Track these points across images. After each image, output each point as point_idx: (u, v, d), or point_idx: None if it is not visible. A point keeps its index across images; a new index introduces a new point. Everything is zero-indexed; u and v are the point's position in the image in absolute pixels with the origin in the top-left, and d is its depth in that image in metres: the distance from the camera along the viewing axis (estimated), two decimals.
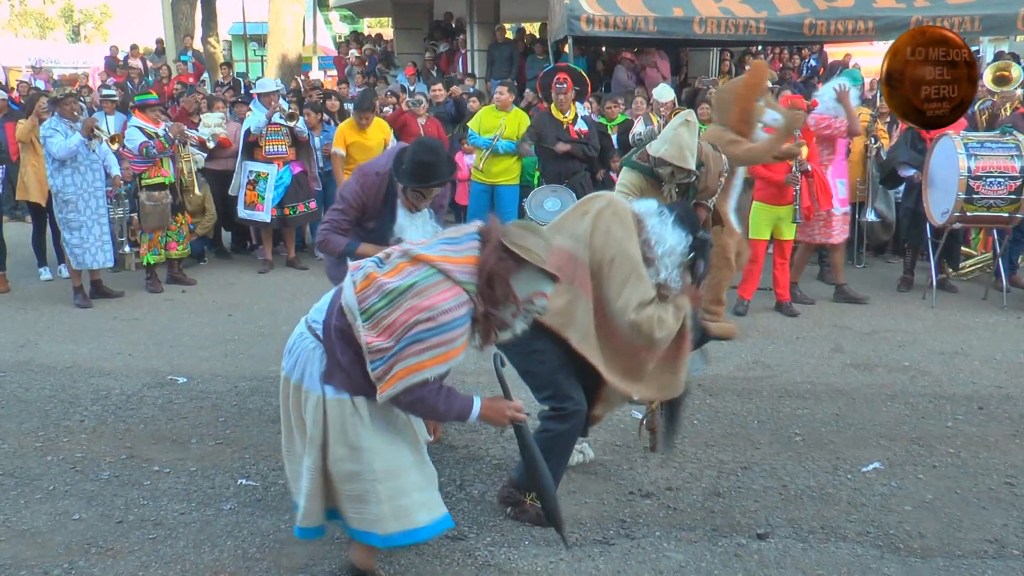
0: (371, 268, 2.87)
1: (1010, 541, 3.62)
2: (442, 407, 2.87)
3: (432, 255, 2.81)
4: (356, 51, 16.50)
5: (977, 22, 10.31)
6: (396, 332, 2.73)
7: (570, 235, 3.62)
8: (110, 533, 3.66)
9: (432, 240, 2.95)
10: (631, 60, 12.67)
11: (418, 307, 2.71)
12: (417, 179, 3.88)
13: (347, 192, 4.13)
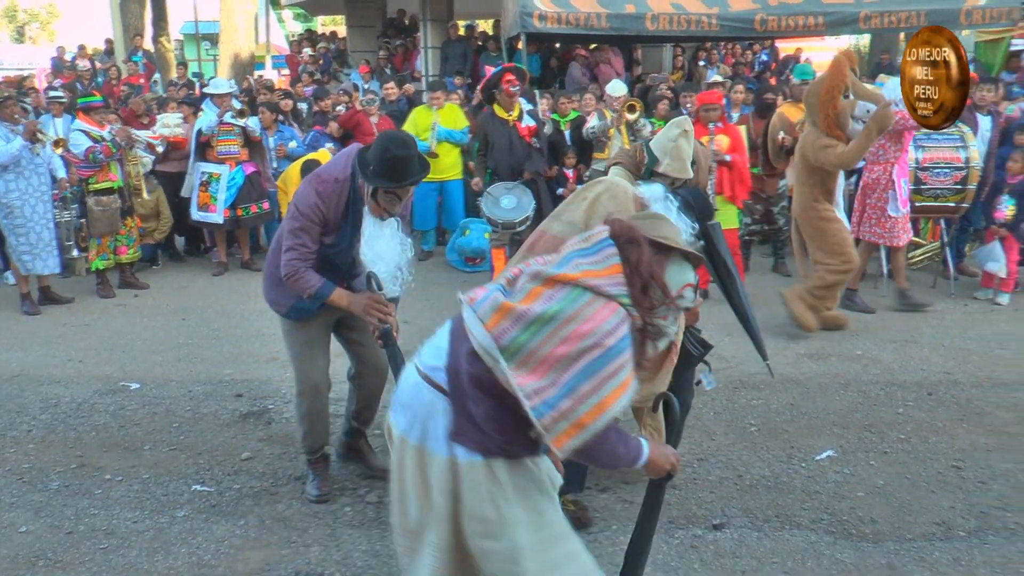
0: (499, 298, 2.38)
1: (956, 523, 3.70)
2: (621, 451, 2.39)
3: (571, 272, 2.32)
4: (310, 50, 16.34)
5: (923, 17, 10.51)
6: (555, 368, 2.21)
7: (567, 221, 3.53)
8: (59, 544, 3.59)
9: (558, 256, 2.44)
10: (585, 56, 12.72)
11: (577, 334, 2.21)
12: (392, 177, 3.38)
13: (304, 205, 3.49)
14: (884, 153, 6.82)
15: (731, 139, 7.26)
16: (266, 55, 19.66)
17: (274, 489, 4.04)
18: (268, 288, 3.84)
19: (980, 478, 4.11)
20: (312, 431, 3.93)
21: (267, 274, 3.84)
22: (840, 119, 6.00)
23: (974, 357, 5.83)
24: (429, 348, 2.52)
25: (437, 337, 2.52)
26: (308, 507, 3.86)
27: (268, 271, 3.83)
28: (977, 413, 4.89)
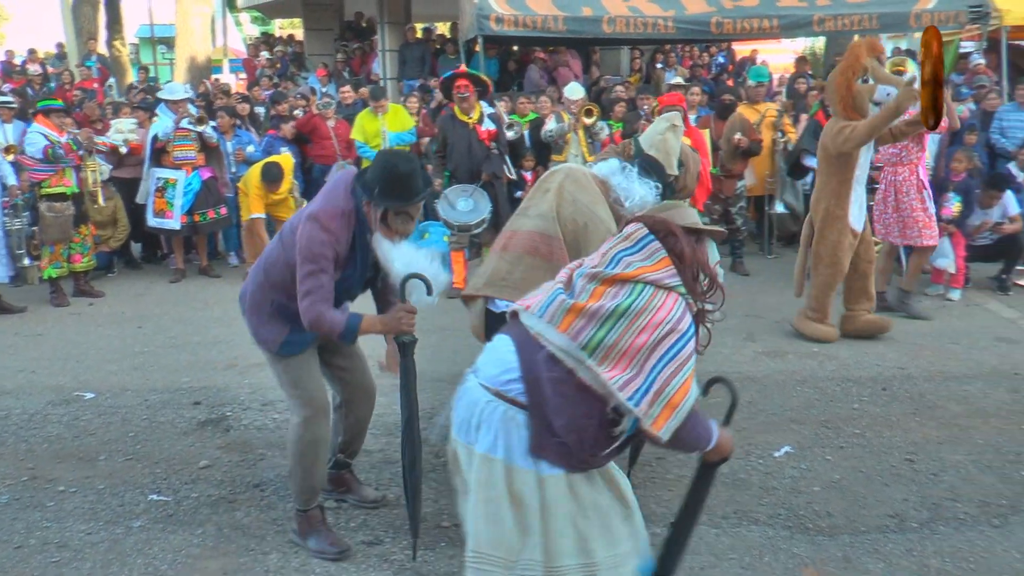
0: (565, 299, 2.42)
1: (910, 515, 3.77)
2: (702, 431, 2.45)
3: (627, 271, 2.39)
4: (267, 53, 16.20)
5: (875, 20, 10.71)
6: (637, 357, 2.30)
7: (536, 215, 3.59)
8: (8, 559, 3.51)
9: (603, 258, 2.47)
10: (543, 59, 12.77)
11: (652, 323, 2.32)
12: (402, 196, 3.24)
13: (315, 245, 3.21)
14: (908, 154, 6.82)
15: (693, 142, 7.32)
16: (223, 59, 19.43)
17: (232, 497, 3.99)
18: (256, 326, 3.49)
19: (932, 470, 4.20)
20: (313, 467, 3.49)
21: (252, 311, 3.49)
22: (856, 101, 5.90)
23: (926, 352, 5.95)
24: (489, 363, 2.50)
25: (494, 351, 2.52)
26: (267, 514, 3.82)
27: (253, 308, 3.48)
28: (929, 407, 4.99)
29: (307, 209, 3.32)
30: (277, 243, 3.43)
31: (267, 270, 3.43)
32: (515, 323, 2.55)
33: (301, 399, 3.47)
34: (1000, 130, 8.95)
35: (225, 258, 9.36)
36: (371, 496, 3.90)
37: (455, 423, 2.53)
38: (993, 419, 4.80)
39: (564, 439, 2.35)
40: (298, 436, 3.46)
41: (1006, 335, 6.35)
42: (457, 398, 2.55)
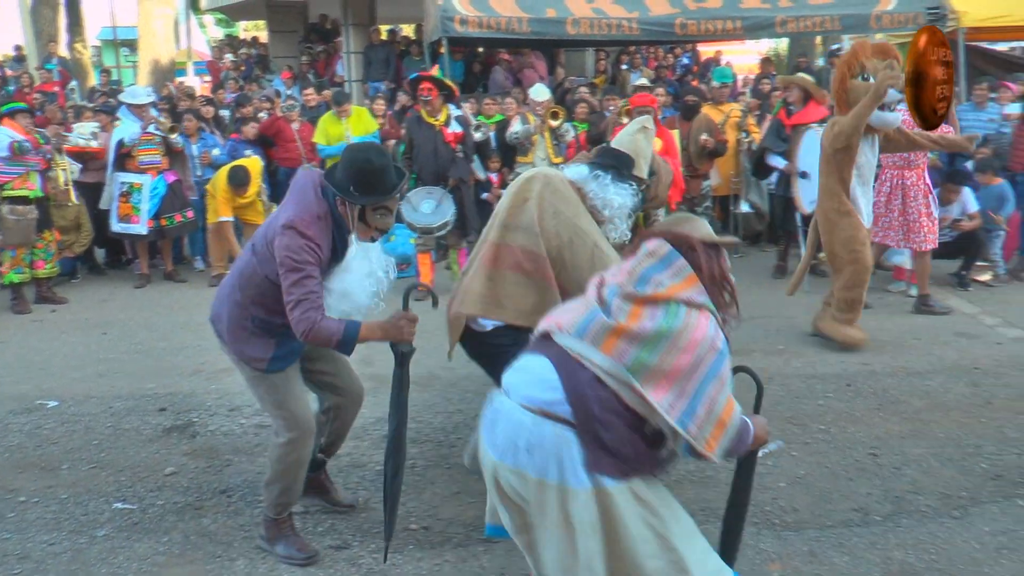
0: (607, 320, 2.41)
1: (873, 508, 3.83)
2: (744, 435, 2.51)
3: (661, 291, 2.41)
4: (231, 55, 16.06)
5: (837, 21, 10.85)
6: (679, 378, 2.33)
7: (522, 229, 3.51)
8: None
9: (630, 277, 2.47)
10: (508, 61, 12.80)
11: (692, 343, 2.34)
12: (381, 190, 3.14)
13: (297, 254, 3.06)
14: (915, 158, 6.83)
15: (664, 142, 7.37)
16: (187, 61, 19.26)
17: (199, 503, 3.95)
18: (240, 346, 3.32)
19: (895, 464, 4.26)
20: (295, 484, 3.44)
21: (232, 332, 3.33)
22: (850, 96, 5.81)
23: (889, 348, 6.04)
24: (525, 383, 2.48)
25: (528, 371, 2.51)
26: (234, 520, 3.79)
27: (233, 328, 3.32)
28: (892, 402, 5.07)
29: (278, 218, 3.15)
30: (250, 257, 3.28)
31: (242, 287, 3.28)
32: (546, 343, 2.52)
33: (287, 420, 3.34)
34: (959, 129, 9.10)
35: (191, 263, 9.27)
36: (345, 499, 3.85)
37: (493, 445, 2.50)
38: (953, 413, 4.89)
39: (619, 453, 2.37)
40: (280, 456, 3.36)
41: (966, 330, 6.47)
42: (489, 420, 2.53)
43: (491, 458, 2.51)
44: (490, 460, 2.51)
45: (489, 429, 2.52)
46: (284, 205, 3.22)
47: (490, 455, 2.51)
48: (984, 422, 4.75)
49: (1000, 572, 3.33)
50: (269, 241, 3.16)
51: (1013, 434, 4.59)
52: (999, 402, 5.04)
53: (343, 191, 3.13)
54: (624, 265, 2.54)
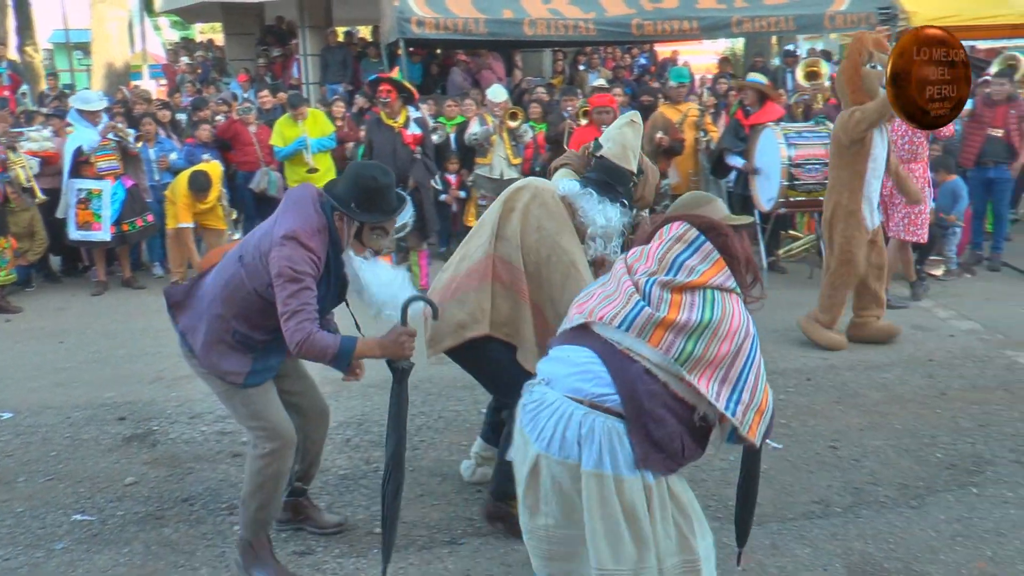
0: (652, 312, 2.39)
1: (834, 500, 3.90)
2: (772, 424, 2.55)
3: (694, 278, 2.42)
4: (187, 58, 15.85)
5: (791, 21, 11.02)
6: (721, 366, 2.37)
7: (506, 240, 3.44)
8: None
9: (661, 264, 2.47)
10: (466, 62, 12.81)
11: (730, 331, 2.38)
12: (382, 210, 3.12)
13: (298, 264, 2.96)
14: (920, 151, 6.95)
15: None
16: (142, 64, 18.97)
17: (160, 513, 3.90)
18: (216, 361, 3.17)
19: (854, 456, 4.34)
20: (273, 499, 3.29)
21: (209, 346, 3.17)
22: (866, 83, 5.76)
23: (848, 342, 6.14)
24: (570, 375, 2.44)
25: (571, 363, 2.46)
26: (196, 529, 3.75)
27: (210, 342, 3.16)
28: (851, 395, 5.16)
29: (275, 230, 3.03)
30: (236, 269, 3.12)
31: (226, 300, 3.13)
32: (586, 334, 2.49)
33: (265, 431, 3.21)
34: None
35: (149, 269, 9.14)
36: (331, 521, 3.69)
37: (537, 437, 2.43)
38: (910, 404, 4.99)
39: (666, 448, 2.37)
40: (259, 469, 3.22)
41: (921, 323, 6.60)
42: (530, 411, 2.47)
43: (534, 450, 2.43)
44: (532, 451, 2.44)
45: (531, 420, 2.46)
46: (281, 217, 3.08)
47: (533, 447, 2.43)
48: (939, 413, 4.86)
49: (955, 558, 3.40)
50: (263, 252, 3.03)
51: (966, 424, 4.69)
52: (953, 393, 5.16)
53: (344, 206, 3.07)
54: (650, 250, 2.52)
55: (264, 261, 3.02)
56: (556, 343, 2.61)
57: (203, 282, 3.27)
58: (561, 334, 2.62)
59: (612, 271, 2.62)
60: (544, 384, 2.49)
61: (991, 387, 5.24)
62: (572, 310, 2.60)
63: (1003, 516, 3.71)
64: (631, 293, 2.46)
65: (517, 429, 2.54)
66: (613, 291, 2.52)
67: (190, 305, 3.25)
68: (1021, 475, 4.09)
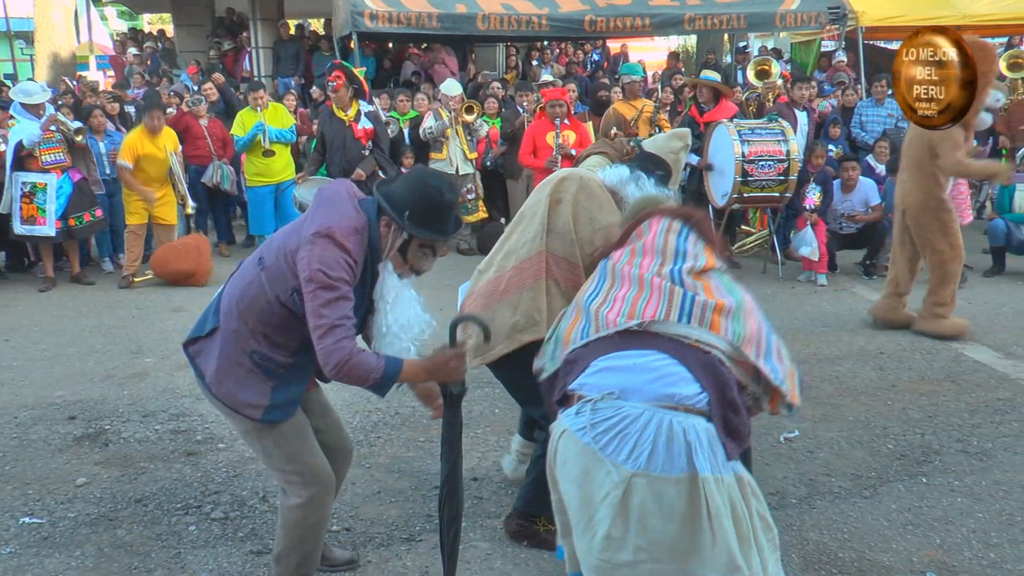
0: (705, 299, 2.38)
1: (789, 491, 3.96)
2: None
3: (703, 262, 2.46)
4: (135, 49, 15.52)
5: (743, 19, 11.17)
6: (755, 341, 2.39)
7: (558, 234, 3.24)
8: None
9: (667, 254, 2.47)
10: (419, 56, 12.78)
11: (750, 307, 2.46)
12: (441, 229, 2.72)
13: (334, 269, 2.55)
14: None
15: (578, 135, 7.47)
16: (89, 55, 18.52)
17: (113, 514, 3.82)
18: (234, 391, 2.72)
19: (808, 448, 4.42)
20: (315, 551, 2.96)
21: (225, 372, 2.72)
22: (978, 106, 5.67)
23: (801, 335, 6.25)
24: (652, 380, 2.27)
25: (649, 367, 2.30)
26: (150, 530, 3.67)
27: (226, 367, 2.72)
28: (805, 388, 5.21)
29: (307, 226, 2.62)
30: (256, 274, 2.71)
31: (243, 312, 2.70)
32: (641, 337, 2.36)
33: (303, 476, 2.83)
34: (859, 124, 9.50)
35: (99, 264, 8.93)
36: (342, 558, 3.38)
37: (622, 456, 2.20)
38: (862, 396, 5.10)
39: (740, 436, 2.32)
40: (296, 521, 2.86)
41: None
42: (614, 430, 2.22)
43: (625, 471, 2.19)
44: (622, 474, 2.19)
45: (613, 440, 2.22)
46: (313, 214, 2.67)
47: (624, 469, 2.19)
48: (890, 404, 4.97)
49: (906, 546, 3.48)
50: (289, 252, 2.63)
51: (916, 415, 4.81)
52: (903, 385, 5.28)
53: (397, 212, 2.65)
54: (645, 247, 2.51)
55: (290, 262, 2.62)
56: (597, 352, 2.40)
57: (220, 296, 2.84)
58: (598, 342, 2.41)
59: (610, 274, 2.53)
60: (615, 398, 2.28)
61: (939, 379, 5.38)
62: (607, 317, 2.42)
63: (951, 504, 3.81)
64: (668, 287, 2.41)
65: (582, 454, 2.26)
66: (635, 290, 2.44)
67: (203, 335, 2.80)
68: (967, 464, 4.21)
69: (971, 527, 3.62)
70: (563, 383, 2.46)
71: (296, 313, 2.65)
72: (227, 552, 3.48)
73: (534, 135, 7.48)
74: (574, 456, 2.29)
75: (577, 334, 2.50)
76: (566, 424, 2.34)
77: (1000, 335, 6.24)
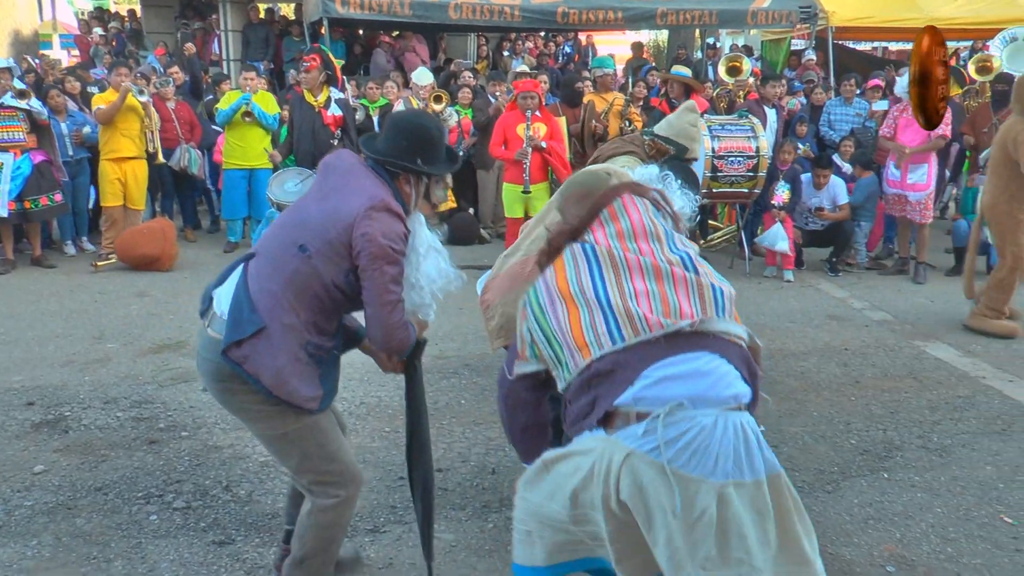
0: (729, 291, 2.35)
1: None
2: None
3: (677, 241, 2.43)
4: (100, 29, 15.22)
5: (715, 16, 11.23)
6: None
7: None
8: None
9: (659, 237, 2.40)
10: (390, 44, 12.70)
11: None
12: (451, 157, 2.85)
13: (397, 243, 2.57)
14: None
15: (549, 127, 7.45)
16: (53, 33, 18.14)
17: (72, 503, 3.75)
18: (296, 384, 2.58)
19: (773, 442, 4.40)
20: (337, 548, 2.90)
21: (289, 368, 2.57)
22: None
23: (767, 331, 6.30)
24: (714, 384, 2.16)
25: (707, 372, 2.18)
26: (110, 519, 3.61)
27: (290, 363, 2.57)
28: (770, 382, 5.28)
29: (353, 201, 2.56)
30: (299, 263, 2.58)
31: (293, 306, 2.57)
32: (688, 339, 2.21)
33: (342, 475, 2.75)
34: (828, 122, 9.59)
35: (60, 247, 8.76)
36: (347, 556, 3.23)
37: (707, 470, 2.06)
38: (826, 392, 5.15)
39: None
40: (332, 521, 2.77)
41: (837, 313, 6.82)
42: (692, 444, 2.07)
43: (714, 484, 2.05)
44: (712, 487, 2.05)
45: (694, 455, 2.06)
46: (343, 188, 2.63)
47: (711, 482, 2.05)
48: (853, 400, 5.03)
49: (867, 540, 3.53)
50: (342, 230, 2.54)
51: (878, 411, 4.87)
52: (866, 381, 5.35)
53: (410, 162, 2.67)
54: (634, 231, 2.38)
55: (343, 240, 2.54)
56: (645, 359, 2.19)
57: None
58: (639, 347, 2.20)
59: (607, 261, 2.34)
60: (688, 407, 2.11)
61: (901, 375, 5.45)
62: (649, 320, 2.23)
63: (911, 499, 3.87)
64: (694, 279, 2.31)
65: (662, 475, 2.07)
66: (654, 282, 2.30)
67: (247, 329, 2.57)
68: (927, 460, 4.27)
69: (930, 522, 3.67)
70: (592, 397, 2.22)
71: (349, 295, 2.61)
72: (188, 542, 3.43)
73: (505, 126, 7.44)
74: (652, 480, 2.07)
75: (601, 335, 2.23)
76: (630, 447, 2.10)
77: (961, 334, 6.34)
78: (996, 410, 4.90)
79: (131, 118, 8.13)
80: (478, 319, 6.33)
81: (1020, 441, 4.49)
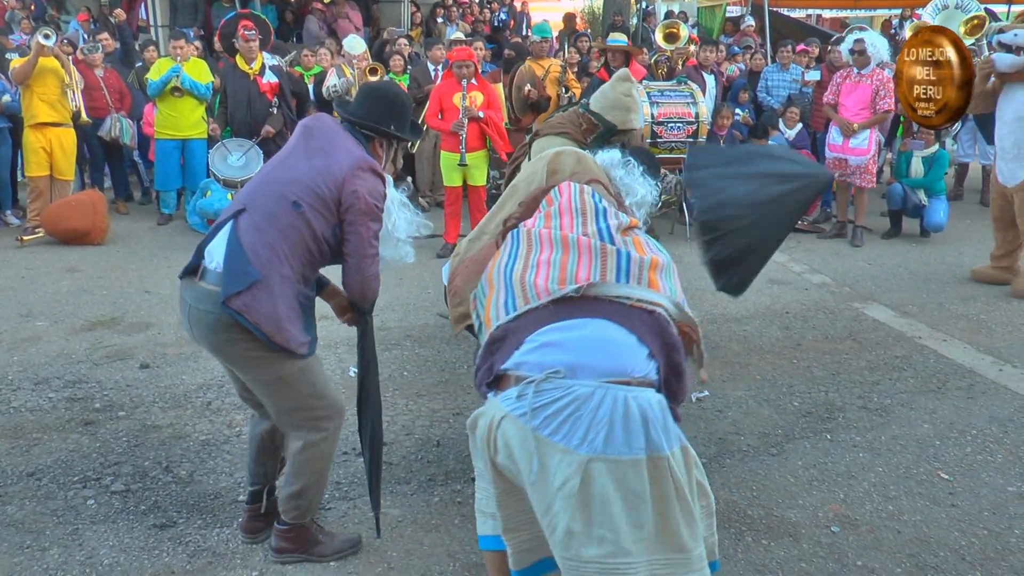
0: (638, 255, 2.30)
1: (699, 451, 3.83)
2: None
3: (627, 220, 2.46)
4: None
5: None
6: (681, 298, 2.37)
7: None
8: None
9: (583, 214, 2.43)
10: (322, 11, 12.43)
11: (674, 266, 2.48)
12: (416, 128, 3.21)
13: (379, 199, 2.82)
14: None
15: (486, 96, 7.36)
16: None
17: (2, 490, 3.59)
18: (293, 331, 2.75)
19: (717, 407, 4.50)
20: (326, 476, 3.08)
21: (283, 314, 2.71)
22: None
23: (708, 296, 6.31)
24: (599, 355, 2.09)
25: (592, 340, 2.11)
26: (44, 505, 3.47)
27: (287, 311, 2.73)
28: (713, 347, 5.33)
29: (341, 158, 2.77)
30: (294, 216, 2.72)
31: (288, 258, 2.73)
32: (577, 304, 2.17)
33: (330, 408, 2.94)
34: (765, 88, 9.67)
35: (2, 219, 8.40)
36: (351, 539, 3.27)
37: (574, 441, 2.00)
38: (768, 355, 5.22)
39: (680, 400, 2.20)
40: (323, 453, 2.95)
41: (777, 277, 6.91)
42: (564, 412, 2.02)
43: (582, 456, 1.99)
44: (578, 459, 1.99)
45: (564, 424, 2.01)
46: (327, 147, 2.82)
47: (579, 453, 1.99)
48: (795, 363, 5.11)
49: (812, 501, 3.59)
50: (336, 183, 2.74)
51: (820, 373, 4.96)
52: (807, 343, 5.43)
53: (384, 127, 2.95)
54: (561, 209, 2.47)
55: (334, 196, 2.75)
56: (531, 326, 2.18)
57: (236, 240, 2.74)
58: (529, 315, 2.20)
59: (525, 240, 2.40)
60: (562, 376, 2.06)
61: (841, 337, 5.55)
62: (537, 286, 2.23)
63: (853, 460, 3.95)
64: (598, 245, 2.29)
65: (528, 441, 2.05)
66: (560, 252, 2.30)
67: (247, 270, 2.69)
68: (868, 420, 4.36)
69: (872, 481, 3.75)
70: (489, 363, 2.22)
71: (334, 248, 2.83)
72: (128, 526, 3.32)
73: (440, 96, 7.32)
74: (518, 444, 2.06)
75: (500, 309, 2.27)
76: (505, 409, 2.09)
77: (897, 295, 6.48)
78: (932, 369, 5.03)
79: (48, 80, 7.69)
80: (418, 290, 6.29)
81: (955, 399, 4.61)
